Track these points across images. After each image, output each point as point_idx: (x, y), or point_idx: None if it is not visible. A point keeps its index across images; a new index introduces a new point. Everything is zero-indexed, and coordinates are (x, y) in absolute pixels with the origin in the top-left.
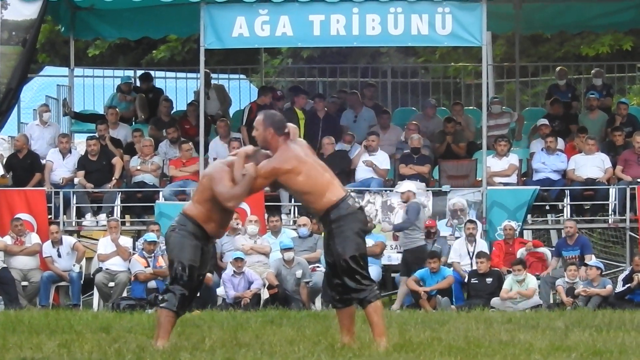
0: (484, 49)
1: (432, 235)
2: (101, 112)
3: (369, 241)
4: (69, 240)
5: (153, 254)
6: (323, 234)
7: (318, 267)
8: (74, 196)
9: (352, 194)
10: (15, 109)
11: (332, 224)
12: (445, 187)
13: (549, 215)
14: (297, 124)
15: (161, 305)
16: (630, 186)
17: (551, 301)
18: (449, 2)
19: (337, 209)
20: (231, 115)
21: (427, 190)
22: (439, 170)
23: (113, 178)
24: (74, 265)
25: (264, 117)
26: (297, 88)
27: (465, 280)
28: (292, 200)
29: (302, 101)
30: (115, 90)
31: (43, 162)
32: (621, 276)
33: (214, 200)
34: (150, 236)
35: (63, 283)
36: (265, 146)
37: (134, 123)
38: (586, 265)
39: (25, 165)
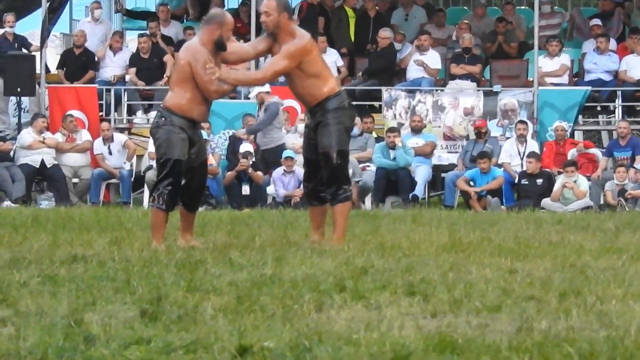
0: None
1: (483, 136)
2: (153, 9)
3: (420, 140)
4: (119, 138)
5: None
6: (305, 126)
7: (368, 166)
8: (125, 93)
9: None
10: (67, 6)
11: (328, 113)
12: (496, 87)
13: (600, 116)
14: (347, 22)
15: (150, 204)
16: None
17: (601, 202)
18: None
19: (337, 98)
20: None
21: (478, 90)
22: (490, 70)
23: (164, 75)
24: (124, 162)
25: (278, 1)
26: None
27: (516, 180)
28: None
29: (353, 0)
30: None
31: (95, 59)
32: None
33: (194, 81)
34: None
35: (113, 180)
36: (275, 31)
37: (185, 20)
38: (635, 168)
39: (80, 62)
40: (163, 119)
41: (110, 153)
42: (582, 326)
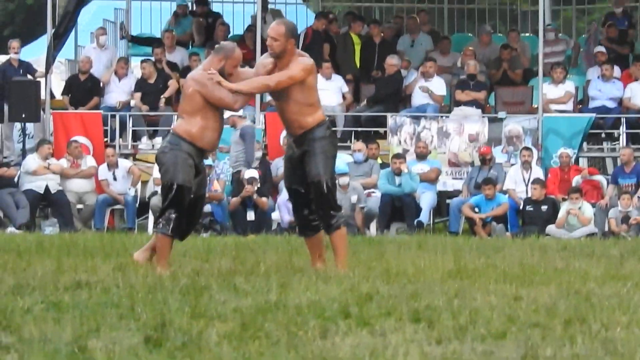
0: None
1: (487, 162)
2: (158, 35)
3: (425, 166)
4: (124, 164)
5: (208, 178)
6: (288, 157)
7: (373, 192)
8: (130, 119)
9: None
10: (73, 32)
11: (314, 142)
12: (501, 114)
13: (604, 143)
14: (353, 49)
15: (155, 229)
16: None
17: (606, 229)
18: None
19: (323, 127)
20: None
21: (483, 117)
22: (495, 96)
23: (162, 97)
24: (129, 188)
25: (287, 27)
26: (353, 14)
27: (521, 207)
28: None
29: (359, 27)
30: (171, 15)
31: (100, 85)
32: None
33: (206, 108)
34: (205, 160)
35: (118, 206)
36: (281, 56)
37: (190, 47)
38: None
39: (85, 88)
40: (170, 144)
41: (115, 179)
42: (587, 353)
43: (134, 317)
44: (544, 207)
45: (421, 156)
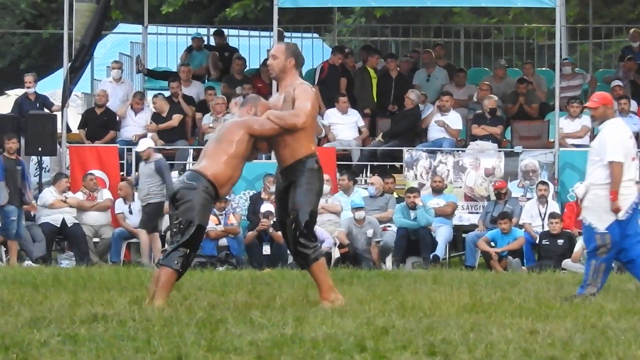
0: (558, 9)
1: (503, 196)
2: (174, 69)
3: (441, 201)
4: None
5: (224, 212)
6: (276, 190)
7: (389, 226)
8: None
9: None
10: (89, 65)
11: (302, 175)
12: (517, 148)
13: None
14: (370, 82)
15: (163, 263)
16: None
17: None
18: None
19: (312, 159)
20: (303, 74)
21: (499, 151)
22: (511, 131)
23: (147, 125)
24: None
25: (287, 46)
26: (369, 48)
27: (537, 241)
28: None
29: (375, 61)
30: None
31: (117, 119)
32: None
33: (243, 157)
34: None
35: (134, 240)
36: (278, 76)
37: (206, 81)
38: None
39: (101, 122)
40: (194, 183)
41: (131, 212)
42: None
43: (150, 351)
44: (560, 242)
45: (437, 190)
